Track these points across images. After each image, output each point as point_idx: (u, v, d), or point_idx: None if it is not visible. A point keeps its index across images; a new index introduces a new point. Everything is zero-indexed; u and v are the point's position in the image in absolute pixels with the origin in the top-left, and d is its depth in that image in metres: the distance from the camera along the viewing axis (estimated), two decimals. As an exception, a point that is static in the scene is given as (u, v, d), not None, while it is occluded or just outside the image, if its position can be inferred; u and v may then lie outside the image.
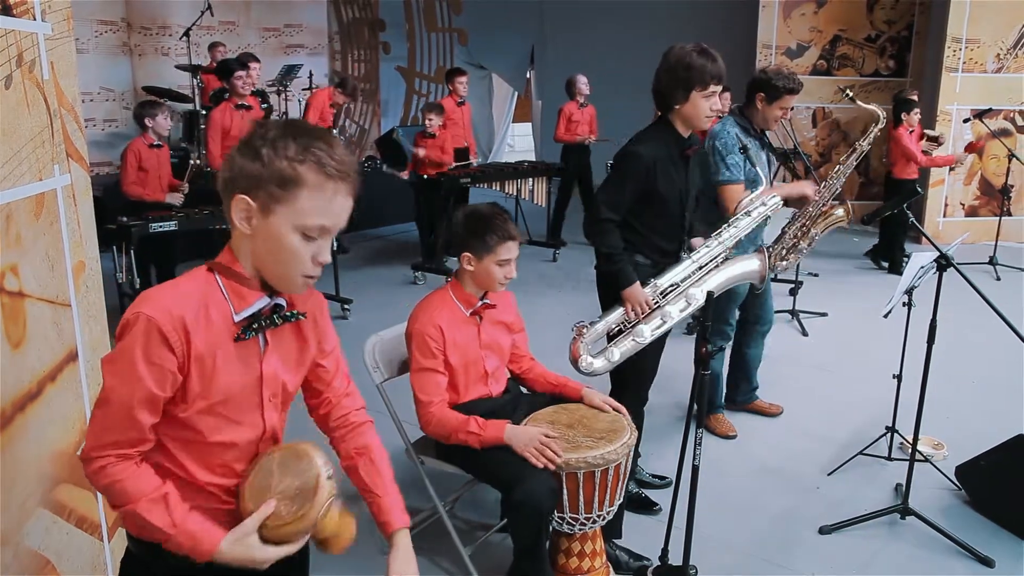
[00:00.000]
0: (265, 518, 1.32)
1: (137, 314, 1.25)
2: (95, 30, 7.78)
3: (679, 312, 2.76)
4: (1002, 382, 4.32)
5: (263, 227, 1.28)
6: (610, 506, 2.40)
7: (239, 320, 1.33)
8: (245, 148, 1.28)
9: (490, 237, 2.43)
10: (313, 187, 1.26)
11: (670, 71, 2.68)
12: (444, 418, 2.40)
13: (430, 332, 2.44)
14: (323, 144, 1.28)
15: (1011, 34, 7.66)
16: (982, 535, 2.92)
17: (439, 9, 11.12)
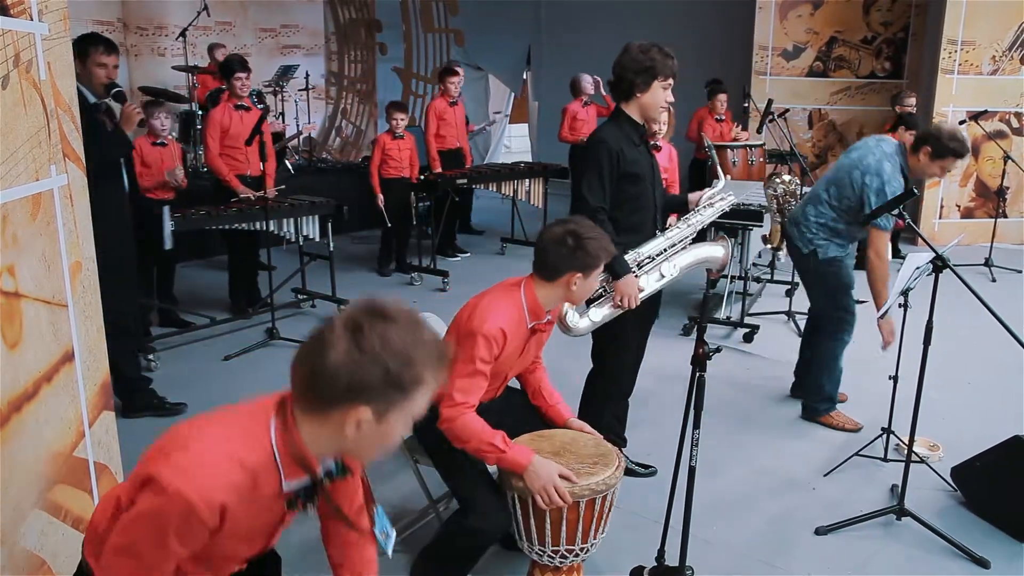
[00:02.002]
0: None
1: (177, 492, 1.18)
2: (91, 30, 7.76)
3: (654, 283, 2.97)
4: (998, 383, 4.33)
5: (373, 431, 1.25)
6: (602, 534, 2.35)
7: (287, 491, 1.31)
8: (359, 357, 1.20)
9: (601, 254, 2.35)
10: (428, 384, 1.26)
11: (636, 60, 2.87)
12: (470, 425, 2.26)
13: (497, 336, 2.28)
14: (427, 333, 1.27)
15: (1007, 36, 7.69)
16: (978, 536, 2.93)
17: (436, 10, 11.12)
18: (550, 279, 2.35)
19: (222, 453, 1.23)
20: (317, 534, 1.65)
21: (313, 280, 5.83)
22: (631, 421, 3.44)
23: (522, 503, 2.26)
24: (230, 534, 1.28)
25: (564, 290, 2.36)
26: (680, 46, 3.15)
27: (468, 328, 2.30)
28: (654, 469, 3.38)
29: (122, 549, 1.26)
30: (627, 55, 2.90)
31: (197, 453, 1.22)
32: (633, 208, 2.97)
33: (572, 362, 3.37)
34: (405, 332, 1.23)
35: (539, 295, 2.38)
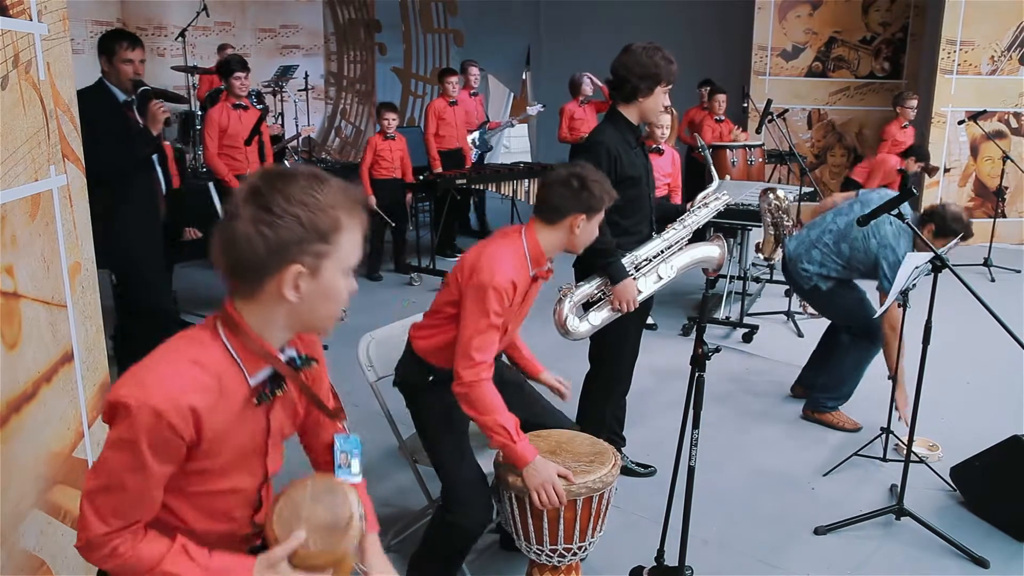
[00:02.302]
0: (295, 548, 1.31)
1: (141, 405, 1.17)
2: (90, 31, 7.76)
3: (652, 285, 2.98)
4: (997, 383, 4.34)
5: (313, 288, 1.24)
6: (600, 533, 2.35)
7: (255, 384, 1.29)
8: (268, 219, 1.19)
9: (605, 196, 2.33)
10: (349, 227, 1.25)
11: (642, 65, 2.86)
12: (490, 397, 2.20)
13: (508, 289, 2.22)
14: (333, 181, 1.25)
15: (1005, 36, 7.69)
16: (977, 536, 2.93)
17: (435, 10, 11.12)
18: (552, 222, 2.32)
19: (180, 360, 1.22)
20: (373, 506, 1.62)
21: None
22: (630, 421, 3.44)
23: (519, 502, 2.26)
24: (216, 455, 1.26)
25: (567, 234, 2.33)
26: (679, 46, 3.17)
27: (477, 282, 2.21)
28: (653, 469, 3.38)
29: (100, 489, 1.22)
30: (631, 57, 2.88)
31: (154, 367, 1.21)
32: (630, 211, 2.97)
33: (572, 363, 3.37)
34: (306, 183, 1.22)
35: (541, 240, 2.34)
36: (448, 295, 2.33)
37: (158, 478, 1.23)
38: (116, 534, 1.24)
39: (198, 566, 1.28)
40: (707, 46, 9.34)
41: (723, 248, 3.11)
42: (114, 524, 1.23)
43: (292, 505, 1.33)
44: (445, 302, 2.34)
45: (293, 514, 1.32)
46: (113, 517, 1.23)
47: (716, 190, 3.24)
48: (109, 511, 1.23)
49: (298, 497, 1.34)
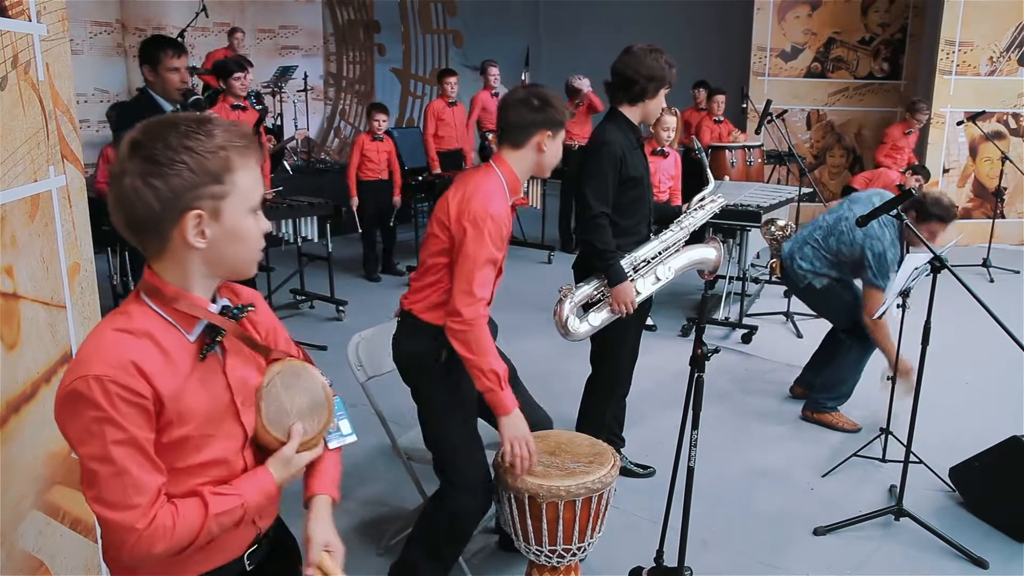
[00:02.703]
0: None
1: (84, 379, 1.14)
2: (90, 31, 7.77)
3: (650, 286, 3.00)
4: (996, 384, 4.34)
5: (218, 231, 1.22)
6: (599, 533, 2.35)
7: (195, 339, 1.26)
8: (155, 170, 1.16)
9: (565, 110, 2.32)
10: (242, 166, 1.23)
11: (649, 67, 2.88)
12: (487, 339, 2.19)
13: (503, 217, 2.20)
14: (217, 121, 1.23)
15: (1004, 37, 7.70)
16: (976, 536, 2.94)
17: (434, 11, 11.13)
18: (520, 144, 2.30)
19: (104, 334, 1.20)
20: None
21: (311, 281, 5.83)
22: (629, 421, 3.44)
23: (519, 503, 2.26)
24: (186, 420, 1.23)
25: (535, 154, 2.31)
26: (678, 47, 3.18)
27: (472, 216, 2.17)
28: (652, 470, 3.38)
29: (103, 484, 1.18)
30: (636, 59, 2.89)
31: (83, 349, 1.20)
32: (631, 211, 2.98)
33: (572, 363, 3.38)
34: (188, 128, 1.19)
35: (514, 167, 2.32)
36: (437, 245, 2.28)
37: (145, 443, 1.19)
38: (148, 509, 1.19)
39: (234, 495, 1.29)
40: (706, 47, 9.36)
41: (719, 250, 3.13)
42: (138, 502, 1.19)
43: (274, 402, 1.36)
44: (436, 253, 2.28)
45: (280, 410, 1.36)
46: (136, 496, 1.19)
47: (712, 192, 3.26)
48: (125, 498, 1.18)
49: (274, 392, 1.36)
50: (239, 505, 1.29)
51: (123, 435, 1.17)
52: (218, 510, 1.27)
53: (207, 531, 1.26)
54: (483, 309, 2.20)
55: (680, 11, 9.83)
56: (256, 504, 1.32)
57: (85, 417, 1.16)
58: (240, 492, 1.30)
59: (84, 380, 1.15)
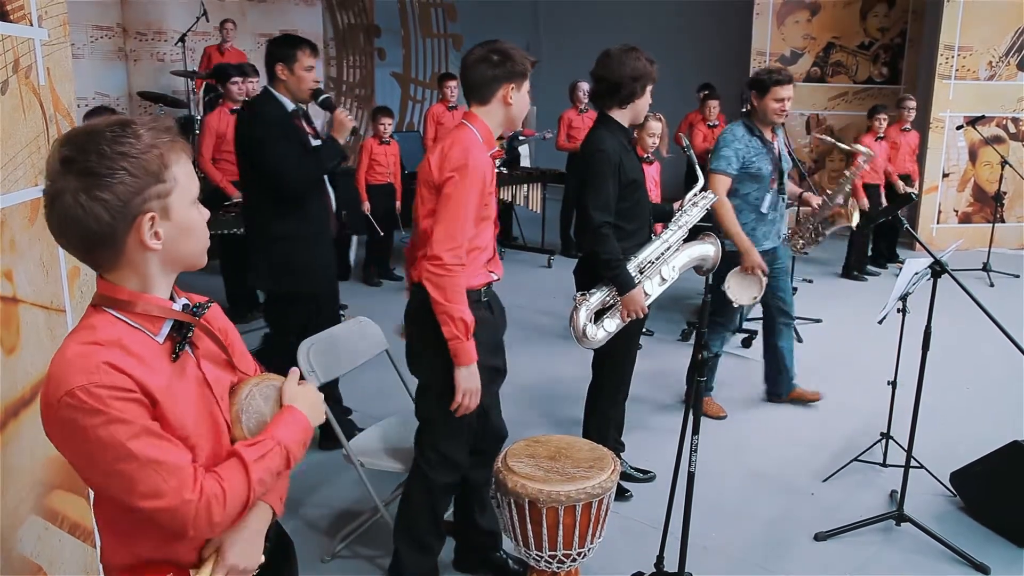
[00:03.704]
0: None
1: (70, 394, 1.12)
2: (90, 35, 7.77)
3: (657, 287, 3.01)
4: (996, 388, 4.34)
5: (170, 230, 1.22)
6: (599, 538, 2.35)
7: (164, 340, 1.25)
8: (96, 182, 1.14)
9: (526, 62, 2.33)
10: (176, 160, 1.22)
11: (634, 68, 2.88)
12: (460, 285, 2.21)
13: (484, 164, 2.22)
14: (139, 121, 1.21)
15: (1003, 42, 7.71)
16: (977, 541, 2.93)
17: (434, 15, 11.15)
18: (486, 100, 2.33)
19: (72, 348, 1.18)
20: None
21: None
22: (629, 426, 3.44)
23: (519, 508, 2.26)
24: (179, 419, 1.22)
25: (502, 107, 2.34)
26: (678, 52, 3.20)
27: (456, 165, 2.20)
28: (653, 474, 3.37)
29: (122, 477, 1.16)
30: (617, 61, 2.89)
31: (55, 367, 1.18)
32: (634, 215, 2.98)
33: (569, 368, 3.37)
34: (114, 135, 1.17)
35: (487, 119, 2.35)
36: (427, 205, 2.29)
37: (155, 428, 1.18)
38: (192, 482, 1.18)
39: (266, 439, 1.30)
40: (706, 51, 9.37)
41: (716, 246, 3.14)
42: (178, 481, 1.17)
43: (254, 414, 1.36)
44: (428, 214, 2.29)
45: (260, 422, 1.35)
46: (172, 478, 1.17)
47: (702, 188, 3.27)
48: (164, 482, 1.17)
49: (255, 405, 1.36)
50: (275, 444, 1.30)
51: (134, 428, 1.15)
52: (255, 456, 1.27)
53: (258, 481, 1.26)
54: (465, 257, 2.22)
55: (679, 16, 9.84)
56: (293, 440, 1.33)
57: (89, 429, 1.14)
58: (271, 434, 1.31)
59: (70, 395, 1.13)
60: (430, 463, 2.42)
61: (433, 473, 2.42)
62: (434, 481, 2.43)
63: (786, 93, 3.59)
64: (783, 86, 3.58)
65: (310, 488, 3.20)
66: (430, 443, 2.42)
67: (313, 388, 1.44)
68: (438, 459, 2.41)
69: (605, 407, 3.17)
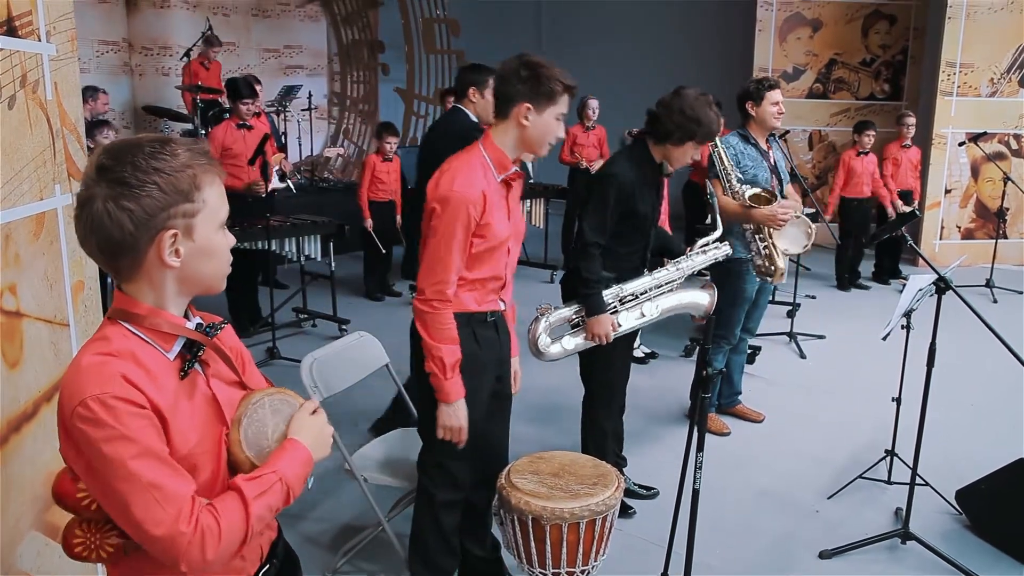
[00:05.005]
0: None
1: (83, 403, 1.13)
2: (96, 50, 7.83)
3: (633, 320, 2.95)
4: (1002, 405, 4.31)
5: (191, 249, 1.23)
6: (603, 556, 2.33)
7: (174, 357, 1.25)
8: (126, 192, 1.16)
9: (556, 85, 2.17)
10: (208, 182, 1.23)
11: (685, 116, 2.82)
12: (451, 325, 2.17)
13: (472, 197, 2.10)
14: (179, 141, 1.23)
15: (1004, 59, 7.74)
16: (983, 560, 2.90)
17: (438, 31, 11.22)
18: (503, 115, 2.21)
19: (87, 358, 1.19)
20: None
21: (313, 299, 5.83)
22: (633, 441, 3.42)
23: (522, 525, 2.24)
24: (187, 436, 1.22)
25: (517, 128, 2.19)
26: (681, 67, 3.19)
27: (439, 196, 2.14)
28: (656, 491, 3.35)
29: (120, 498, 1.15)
30: (679, 101, 2.82)
31: (69, 377, 1.19)
32: (626, 241, 2.96)
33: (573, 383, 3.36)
34: (153, 149, 1.19)
35: (497, 140, 2.22)
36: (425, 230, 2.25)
37: (162, 453, 1.17)
38: (189, 515, 1.16)
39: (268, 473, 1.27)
40: (708, 67, 9.41)
41: (713, 297, 3.06)
42: (175, 511, 1.15)
43: (256, 422, 1.33)
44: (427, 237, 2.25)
45: (259, 432, 1.32)
46: (170, 507, 1.15)
47: (718, 238, 3.18)
48: (161, 511, 1.15)
49: (261, 413, 1.34)
50: (277, 480, 1.27)
51: (137, 448, 1.14)
52: (256, 492, 1.24)
53: (256, 517, 1.23)
54: (450, 291, 2.17)
55: (682, 32, 9.89)
56: (294, 474, 1.30)
57: (94, 441, 1.14)
58: (273, 467, 1.28)
59: (83, 405, 1.13)
60: (432, 480, 2.41)
61: (435, 489, 2.41)
62: (436, 497, 2.41)
63: (779, 97, 3.72)
64: (775, 90, 3.71)
65: (311, 502, 3.19)
66: (432, 460, 2.41)
67: (323, 420, 1.40)
68: (440, 476, 2.40)
69: (600, 419, 3.15)
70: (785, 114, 3.84)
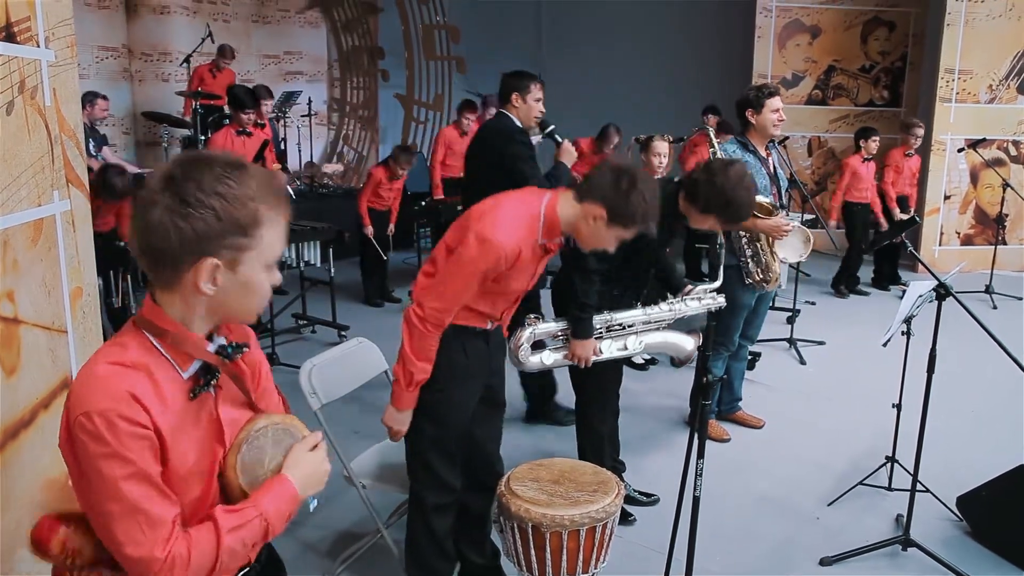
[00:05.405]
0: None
1: (87, 415, 1.13)
2: (96, 56, 7.84)
3: (615, 350, 2.90)
4: (1002, 412, 4.30)
5: (230, 282, 1.20)
6: (603, 563, 2.32)
7: (188, 377, 1.24)
8: (183, 210, 1.14)
9: (637, 218, 2.18)
10: (270, 221, 1.20)
11: (721, 192, 2.80)
12: (431, 344, 2.19)
13: (508, 249, 2.09)
14: (253, 170, 1.20)
15: (1003, 65, 7.76)
16: (984, 566, 2.89)
17: (438, 37, 11.24)
18: (580, 197, 2.18)
19: (101, 365, 1.18)
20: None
21: (313, 305, 5.82)
22: (633, 449, 3.41)
23: (522, 533, 2.24)
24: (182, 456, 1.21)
25: (582, 218, 2.17)
26: (681, 74, 3.18)
27: (478, 230, 2.11)
28: (656, 497, 3.34)
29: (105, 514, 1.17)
30: (720, 178, 2.79)
31: (80, 382, 1.18)
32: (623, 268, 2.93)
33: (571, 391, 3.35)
34: (223, 172, 1.16)
35: (561, 210, 2.19)
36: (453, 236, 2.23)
37: (154, 476, 1.18)
38: (166, 541, 1.17)
39: (248, 508, 1.26)
40: (708, 74, 9.43)
41: (696, 344, 3.00)
42: (155, 535, 1.17)
43: (256, 450, 1.32)
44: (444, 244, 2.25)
45: (256, 460, 1.31)
46: (150, 531, 1.17)
47: (715, 289, 3.15)
48: (141, 533, 1.16)
49: (262, 441, 1.32)
50: (256, 516, 1.26)
51: (131, 469, 1.15)
52: (232, 525, 1.24)
53: (227, 549, 1.23)
54: (446, 319, 2.19)
55: (682, 39, 9.91)
56: (277, 512, 1.28)
57: (91, 454, 1.14)
58: (255, 503, 1.27)
59: (87, 416, 1.13)
60: (421, 483, 2.41)
61: (424, 493, 2.40)
62: (426, 501, 2.41)
63: (779, 104, 3.71)
64: (774, 97, 3.70)
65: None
66: (419, 464, 2.41)
67: (321, 457, 1.37)
68: (428, 479, 2.40)
69: (595, 424, 3.14)
70: (785, 121, 3.83)
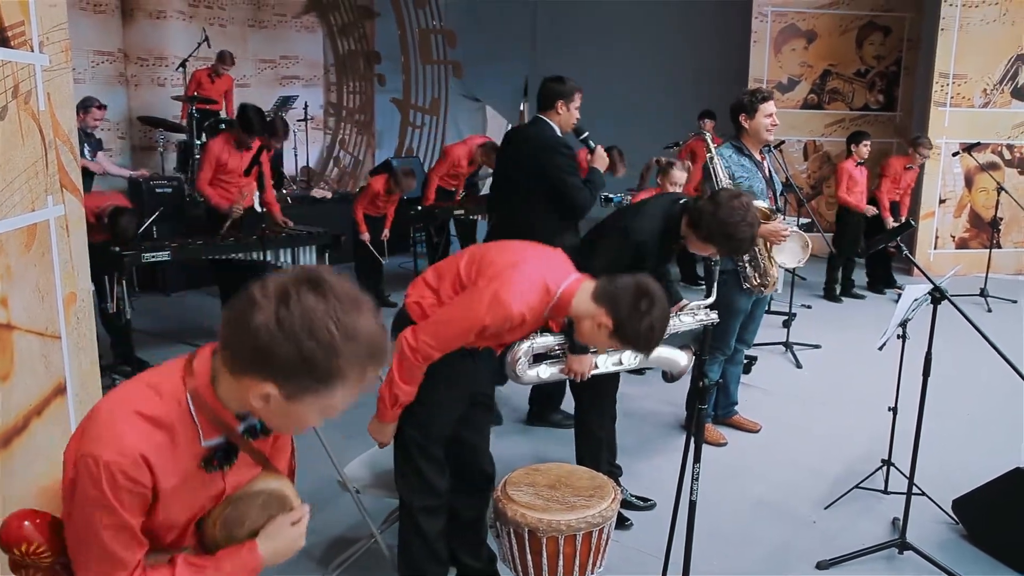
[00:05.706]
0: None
1: (96, 460, 1.14)
2: (92, 60, 7.83)
3: (611, 365, 2.86)
4: (997, 415, 4.31)
5: (279, 407, 1.16)
6: (600, 568, 2.32)
7: (206, 446, 1.24)
8: (274, 332, 1.09)
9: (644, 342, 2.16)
10: (349, 381, 1.14)
11: (722, 224, 2.77)
12: (420, 373, 2.18)
13: (515, 315, 2.07)
14: (360, 322, 1.12)
15: (997, 70, 7.79)
16: (981, 569, 2.90)
17: (434, 42, 11.24)
18: (597, 299, 2.12)
19: (128, 412, 1.18)
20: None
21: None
22: (629, 454, 3.41)
23: (518, 538, 2.23)
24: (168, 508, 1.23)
25: (589, 317, 2.14)
26: (678, 79, 3.18)
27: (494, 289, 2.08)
28: (653, 502, 3.34)
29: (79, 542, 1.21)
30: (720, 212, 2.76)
31: (106, 418, 1.18)
32: None
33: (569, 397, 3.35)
34: (335, 313, 1.10)
35: (576, 299, 2.15)
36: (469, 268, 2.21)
37: (134, 527, 1.21)
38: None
39: (208, 566, 1.29)
40: (704, 79, 9.44)
41: (690, 360, 2.97)
42: (114, 573, 1.21)
43: (242, 509, 1.34)
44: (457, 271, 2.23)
45: (237, 520, 1.33)
46: (114, 572, 1.21)
47: (709, 306, 3.13)
48: (103, 572, 1.21)
49: (249, 503, 1.34)
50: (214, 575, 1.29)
51: (115, 520, 1.18)
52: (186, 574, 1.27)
53: None
54: (436, 355, 2.15)
55: (678, 44, 9.92)
56: (231, 574, 1.31)
57: (85, 495, 1.17)
58: (217, 563, 1.30)
59: (95, 460, 1.15)
60: (409, 486, 2.40)
61: (412, 496, 2.39)
62: (414, 503, 2.40)
63: (772, 108, 3.71)
64: (768, 102, 3.70)
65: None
66: (407, 467, 2.40)
67: (298, 534, 1.39)
68: (416, 482, 2.39)
69: (593, 429, 3.14)
70: (779, 125, 3.84)
